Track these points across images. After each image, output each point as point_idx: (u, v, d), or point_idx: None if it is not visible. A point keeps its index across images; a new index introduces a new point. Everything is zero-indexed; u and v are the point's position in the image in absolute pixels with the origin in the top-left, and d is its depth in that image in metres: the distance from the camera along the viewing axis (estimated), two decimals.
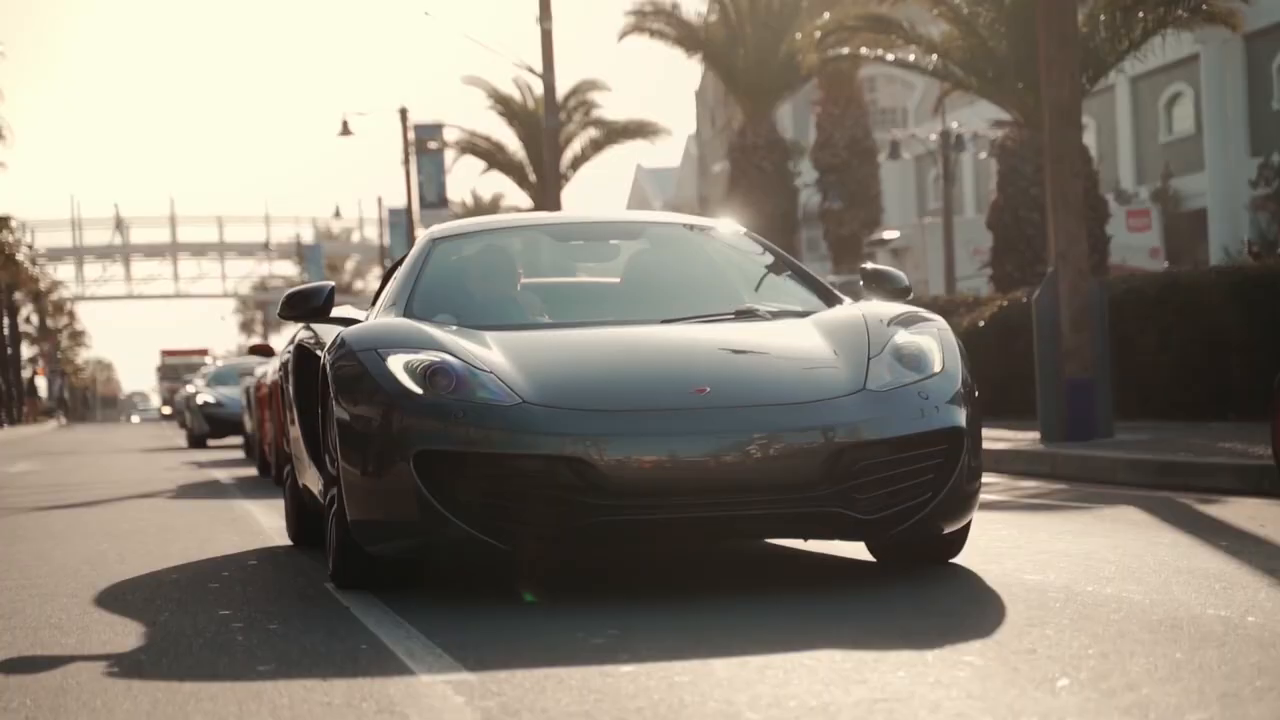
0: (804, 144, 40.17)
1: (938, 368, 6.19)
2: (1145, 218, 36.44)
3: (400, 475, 5.81)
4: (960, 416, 6.10)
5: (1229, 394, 15.44)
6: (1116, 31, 19.97)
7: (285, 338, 17.23)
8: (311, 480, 7.47)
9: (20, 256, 60.22)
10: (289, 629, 5.55)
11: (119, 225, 75.51)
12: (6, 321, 65.71)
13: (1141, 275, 18.06)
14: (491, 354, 6.11)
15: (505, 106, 41.50)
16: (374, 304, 7.70)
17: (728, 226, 7.96)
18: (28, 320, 73.97)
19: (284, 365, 8.54)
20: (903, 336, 6.30)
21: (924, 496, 5.98)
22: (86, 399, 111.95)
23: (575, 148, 41.07)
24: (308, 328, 7.85)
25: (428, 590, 6.32)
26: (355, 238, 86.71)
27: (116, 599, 6.60)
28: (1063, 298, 13.34)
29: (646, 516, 5.70)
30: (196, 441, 28.15)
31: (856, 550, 6.99)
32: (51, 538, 9.94)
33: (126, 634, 5.59)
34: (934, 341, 6.32)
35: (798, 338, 6.42)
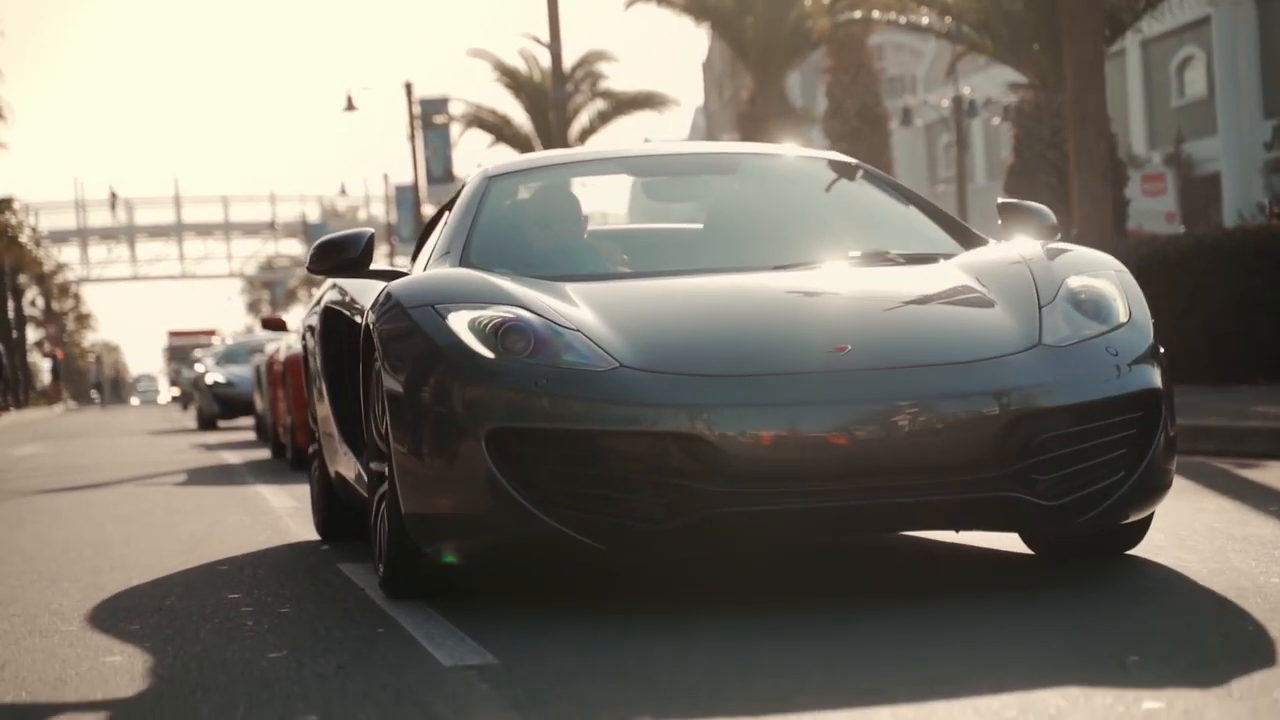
0: (814, 112, 39.79)
1: (1123, 317, 5.11)
2: (1160, 182, 36.07)
3: (469, 459, 4.75)
4: (1155, 376, 5.05)
5: (1258, 356, 15.13)
6: None
7: (296, 315, 16.20)
8: (345, 466, 6.46)
9: (24, 239, 59.96)
10: (301, 612, 5.28)
11: (114, 205, 75.22)
12: (11, 305, 65.48)
13: (1165, 238, 17.72)
14: (576, 309, 5.04)
15: (511, 79, 41.16)
16: (414, 259, 6.75)
17: (834, 157, 6.70)
18: (33, 303, 73.76)
19: (308, 333, 7.40)
20: (1077, 280, 5.20)
21: (1116, 476, 4.89)
22: (114, 383, 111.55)
23: (583, 119, 40.75)
24: (336, 287, 6.81)
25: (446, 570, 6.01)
26: (361, 215, 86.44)
27: (121, 583, 6.33)
28: None
29: (776, 506, 4.59)
30: (206, 423, 27.78)
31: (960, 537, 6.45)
32: (55, 521, 9.68)
33: (130, 620, 5.31)
34: (1113, 286, 5.23)
35: (947, 284, 5.35)
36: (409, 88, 47.91)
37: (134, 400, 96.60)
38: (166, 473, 14.54)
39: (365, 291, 6.08)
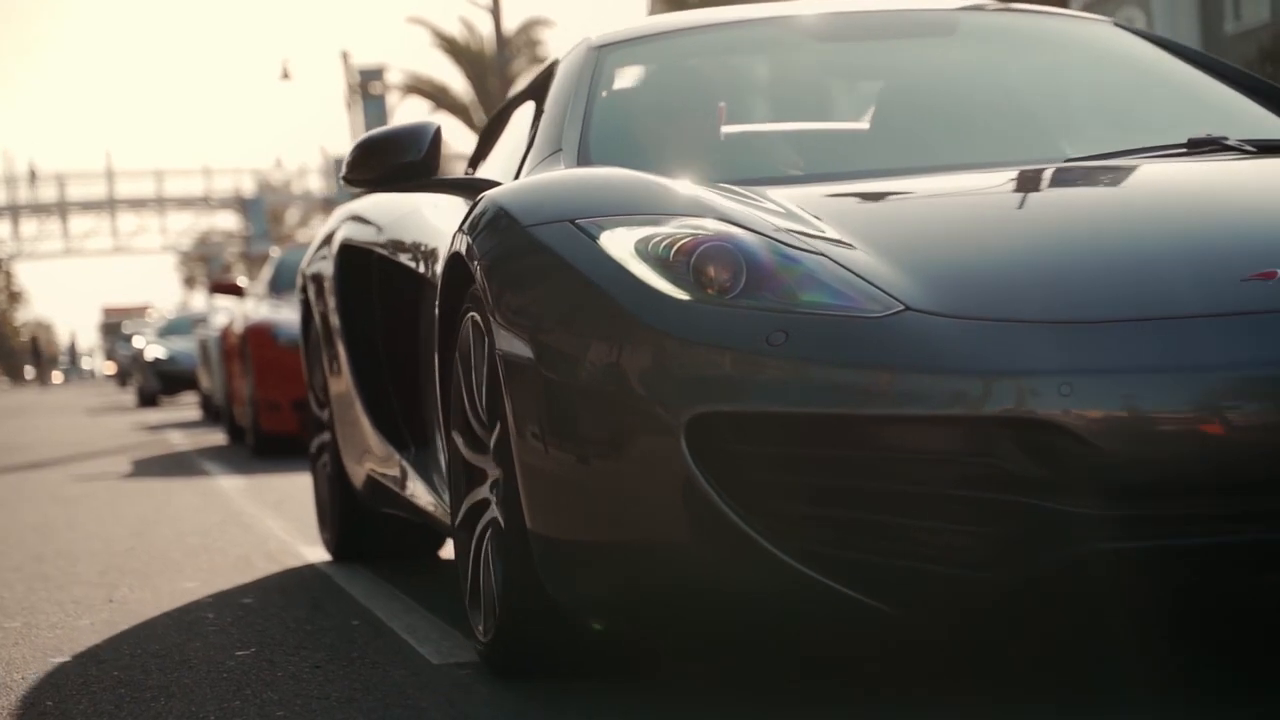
0: None
1: None
2: None
3: (655, 461, 2.95)
4: None
5: None
6: None
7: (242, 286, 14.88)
8: (381, 462, 4.85)
9: None
10: (266, 603, 4.88)
11: (33, 180, 74.20)
12: None
13: None
14: (809, 225, 3.22)
15: (450, 45, 40.71)
16: (472, 163, 5.28)
17: (1086, 16, 4.80)
18: None
19: (311, 284, 5.62)
20: None
21: None
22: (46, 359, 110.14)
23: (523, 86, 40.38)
24: (356, 218, 5.23)
25: (423, 552, 5.62)
26: (296, 188, 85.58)
27: (67, 572, 5.91)
28: None
29: (1196, 538, 2.80)
30: (147, 400, 27.13)
31: None
32: None
33: (80, 614, 4.90)
34: None
35: None
36: (345, 56, 47.30)
37: (56, 377, 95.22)
38: (109, 452, 14.07)
39: (408, 219, 4.64)
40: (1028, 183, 3.61)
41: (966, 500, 2.81)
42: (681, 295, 2.99)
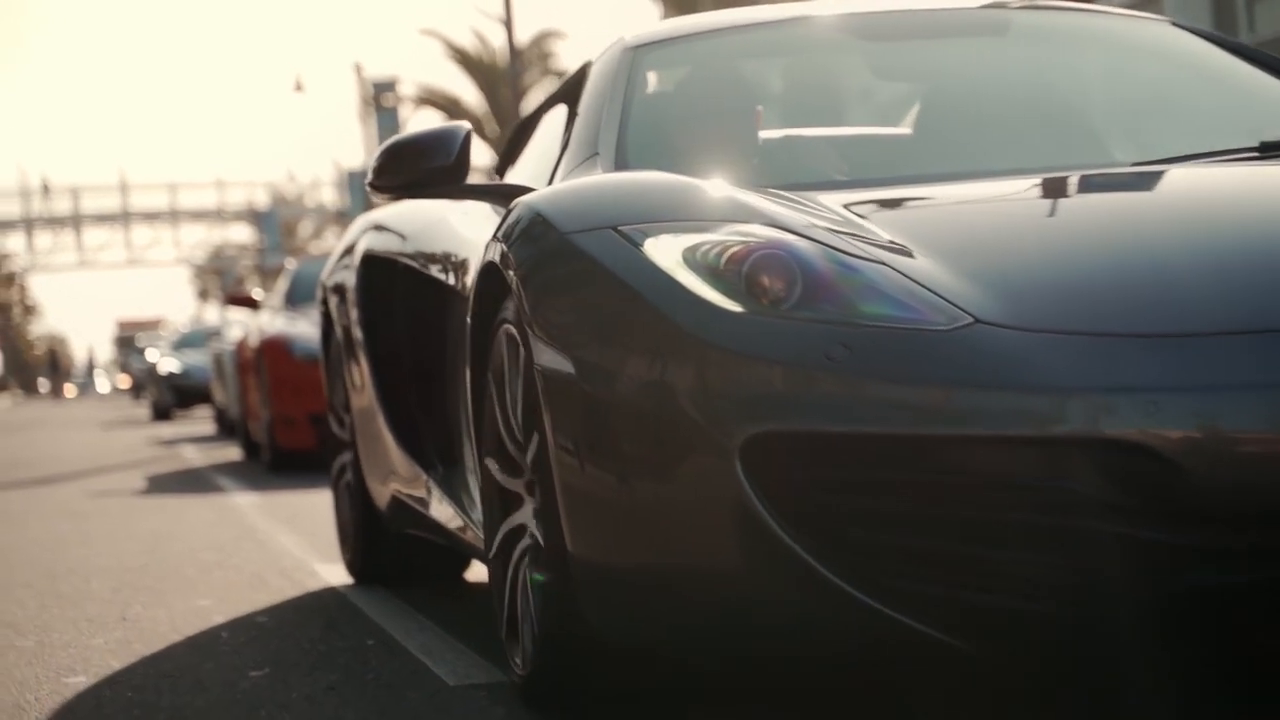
0: None
1: None
2: None
3: (707, 484, 2.75)
4: None
5: None
6: None
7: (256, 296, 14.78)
8: (406, 482, 4.64)
9: None
10: (280, 622, 4.85)
11: (46, 193, 74.42)
12: None
13: None
14: (865, 232, 3.03)
15: (463, 57, 40.80)
16: (500, 170, 5.05)
17: (1146, 15, 4.58)
18: None
19: (333, 296, 5.40)
20: None
21: None
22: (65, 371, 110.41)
23: (536, 97, 40.41)
24: (379, 228, 5.06)
25: (449, 574, 5.58)
26: (309, 201, 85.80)
27: (80, 589, 5.88)
28: None
29: None
30: (161, 414, 27.13)
31: None
32: (4, 520, 9.19)
33: (93, 633, 4.86)
34: None
35: None
36: (358, 69, 47.37)
37: (70, 390, 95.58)
38: (122, 467, 14.05)
39: (436, 228, 4.48)
40: (1092, 188, 3.44)
41: (1043, 528, 2.59)
42: (734, 307, 2.78)
